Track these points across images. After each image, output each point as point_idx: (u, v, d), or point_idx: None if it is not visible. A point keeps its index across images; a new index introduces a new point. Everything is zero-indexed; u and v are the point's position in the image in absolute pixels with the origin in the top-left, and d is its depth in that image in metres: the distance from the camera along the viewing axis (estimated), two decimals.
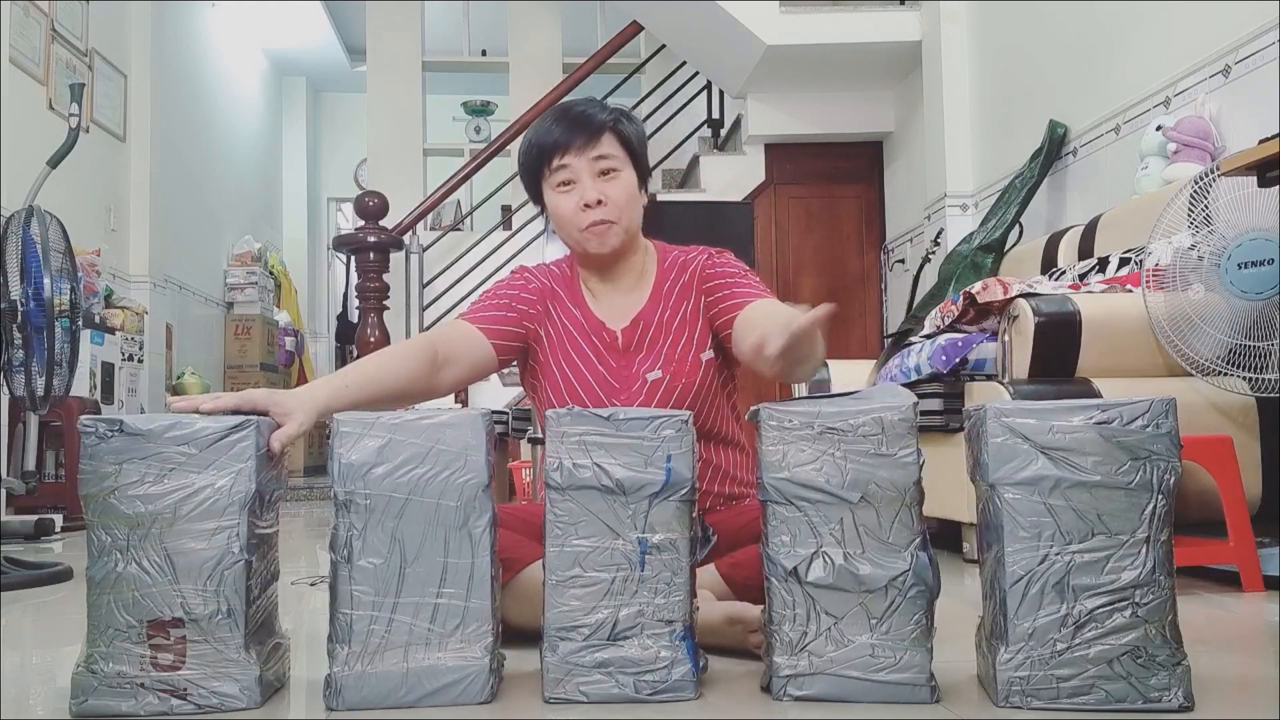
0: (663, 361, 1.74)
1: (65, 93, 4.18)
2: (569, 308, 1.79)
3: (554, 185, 1.71)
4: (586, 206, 1.68)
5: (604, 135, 1.69)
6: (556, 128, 1.70)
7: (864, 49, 5.01)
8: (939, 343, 2.68)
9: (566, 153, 1.69)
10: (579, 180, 1.69)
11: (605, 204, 1.68)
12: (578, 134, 1.69)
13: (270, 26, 8.17)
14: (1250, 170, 2.11)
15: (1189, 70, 3.15)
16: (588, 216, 1.68)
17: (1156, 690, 1.20)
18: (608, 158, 1.69)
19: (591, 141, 1.68)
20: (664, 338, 1.76)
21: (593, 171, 1.69)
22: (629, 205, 1.71)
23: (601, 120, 1.70)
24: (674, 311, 1.77)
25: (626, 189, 1.70)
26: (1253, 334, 2.16)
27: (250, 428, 1.30)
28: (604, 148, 1.69)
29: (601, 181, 1.69)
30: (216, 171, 7.41)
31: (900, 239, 5.51)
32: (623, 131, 1.72)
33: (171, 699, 1.26)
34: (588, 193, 1.68)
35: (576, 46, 7.04)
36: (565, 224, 1.71)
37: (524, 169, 1.77)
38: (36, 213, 2.77)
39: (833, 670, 1.25)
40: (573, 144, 1.68)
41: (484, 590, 1.29)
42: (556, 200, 1.72)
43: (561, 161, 1.69)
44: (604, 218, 1.68)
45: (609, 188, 1.69)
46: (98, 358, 4.87)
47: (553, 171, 1.70)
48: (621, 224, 1.70)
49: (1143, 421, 1.22)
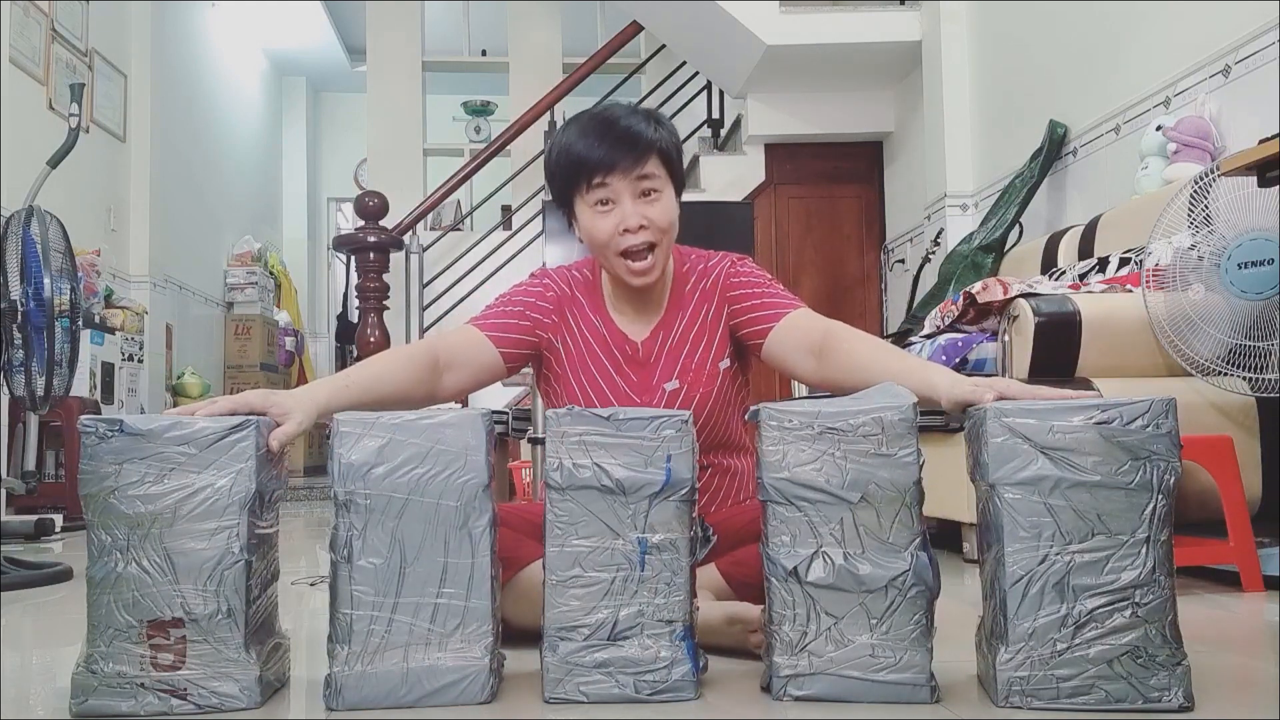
0: (679, 370, 1.71)
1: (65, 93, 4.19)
2: (590, 317, 1.75)
3: (590, 202, 1.64)
4: (627, 231, 1.62)
5: (650, 156, 1.62)
6: (600, 145, 1.61)
7: (864, 49, 5.01)
8: (939, 343, 2.68)
9: (610, 173, 1.61)
10: (619, 202, 1.62)
11: (647, 227, 1.62)
12: (623, 155, 1.60)
13: (270, 26, 8.18)
14: (1250, 170, 2.11)
15: (1189, 70, 3.15)
16: (627, 241, 1.62)
17: (1156, 690, 1.20)
18: (650, 178, 1.63)
19: (637, 164, 1.61)
20: (682, 347, 1.72)
21: (634, 192, 1.62)
22: (670, 228, 1.65)
23: (649, 140, 1.62)
24: (692, 319, 1.73)
25: (668, 211, 1.64)
26: (1253, 334, 2.16)
27: (250, 428, 1.30)
28: (648, 168, 1.62)
29: (643, 203, 1.62)
30: (216, 171, 7.41)
31: (900, 239, 5.51)
32: (667, 151, 1.65)
33: (171, 699, 1.26)
34: (629, 218, 1.61)
35: (576, 46, 7.05)
36: (600, 245, 1.65)
37: (557, 178, 1.68)
38: (36, 213, 2.77)
39: (833, 670, 1.25)
40: (617, 165, 1.60)
41: (484, 590, 1.29)
42: (593, 220, 1.64)
43: (603, 180, 1.61)
44: (646, 241, 1.62)
45: (651, 210, 1.62)
46: (98, 358, 4.87)
47: (591, 189, 1.63)
48: (662, 246, 1.65)
49: (1143, 421, 1.22)
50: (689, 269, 1.76)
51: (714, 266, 1.75)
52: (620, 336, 1.73)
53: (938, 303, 3.37)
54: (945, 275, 4.01)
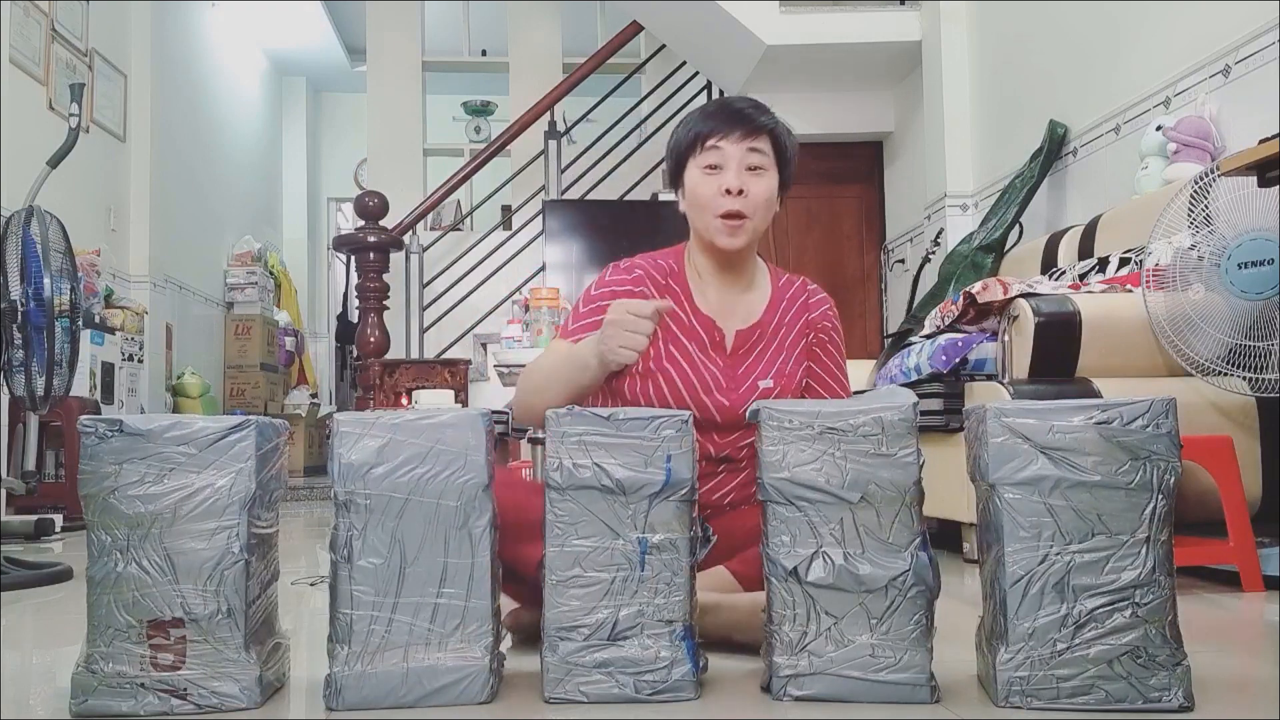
0: (775, 372, 1.76)
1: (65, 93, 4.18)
2: (680, 300, 1.77)
3: (701, 165, 1.71)
4: (728, 193, 1.68)
5: (763, 134, 1.70)
6: (720, 113, 1.72)
7: (864, 49, 5.01)
8: (939, 343, 2.68)
9: (724, 138, 1.69)
10: (726, 166, 1.69)
11: (746, 196, 1.68)
12: (738, 124, 1.70)
13: (270, 26, 8.17)
14: (1250, 170, 2.11)
15: (1189, 70, 3.15)
16: (725, 203, 1.68)
17: (1156, 690, 1.20)
18: (760, 153, 1.70)
19: (749, 134, 1.69)
20: (778, 352, 1.78)
21: (742, 162, 1.69)
22: (766, 206, 1.71)
23: (763, 122, 1.71)
24: (789, 329, 1.80)
25: (768, 190, 1.71)
26: (1253, 334, 2.16)
27: (250, 428, 1.30)
28: (759, 143, 1.70)
29: (748, 175, 1.69)
30: (216, 171, 7.41)
31: (900, 239, 5.51)
32: (780, 138, 1.72)
33: (171, 699, 1.26)
34: (731, 180, 1.68)
35: (576, 46, 7.05)
36: (701, 207, 1.71)
37: (675, 148, 1.76)
38: (36, 213, 2.77)
39: (833, 670, 1.25)
40: (731, 131, 1.69)
41: (484, 590, 1.29)
42: (699, 180, 1.71)
43: (716, 144, 1.69)
44: (740, 209, 1.68)
45: (753, 182, 1.69)
46: (98, 358, 4.87)
47: (704, 150, 1.70)
48: (753, 222, 1.71)
49: (1143, 421, 1.22)
50: (785, 284, 1.83)
51: (814, 301, 1.83)
52: (708, 322, 1.76)
53: (938, 303, 3.37)
54: (945, 275, 4.01)
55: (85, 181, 5.29)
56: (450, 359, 4.96)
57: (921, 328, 3.06)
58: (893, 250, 5.63)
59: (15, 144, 4.40)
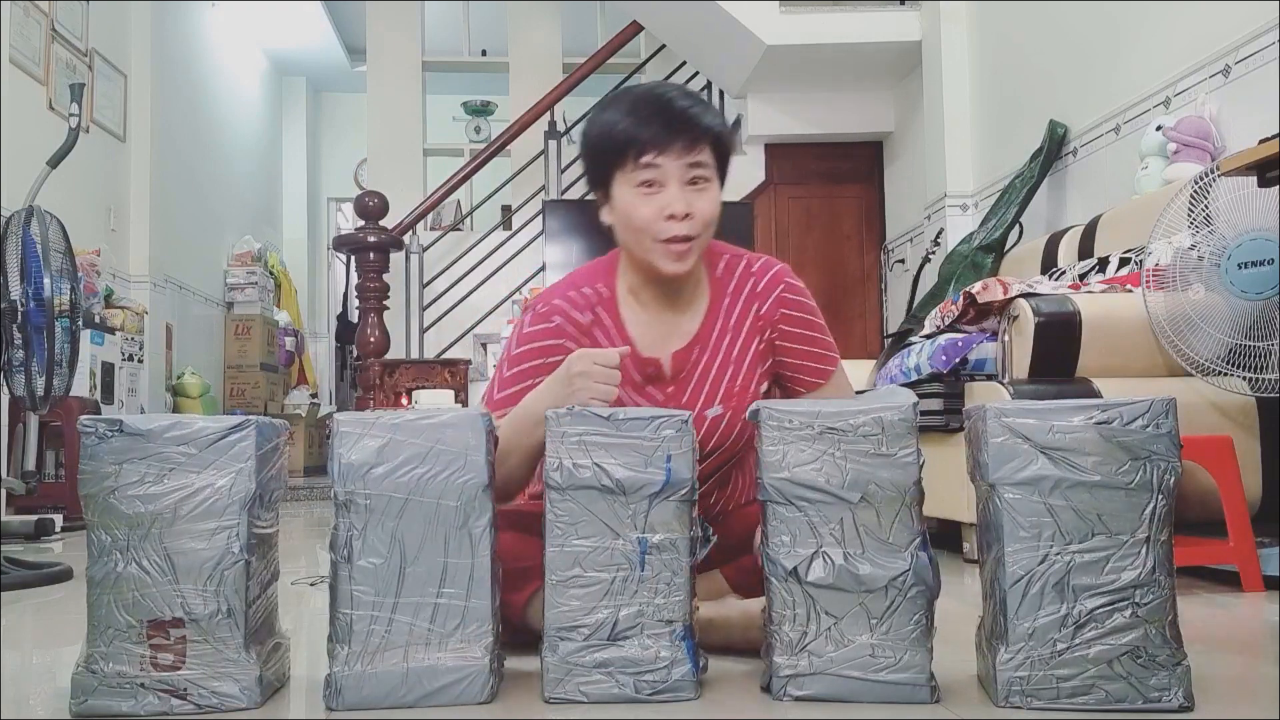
0: (722, 395, 1.61)
1: (65, 93, 4.18)
2: (612, 337, 1.61)
3: (633, 183, 1.51)
4: (671, 217, 1.50)
5: (706, 142, 1.51)
6: (655, 120, 1.49)
7: (864, 49, 5.01)
8: (939, 343, 2.68)
9: (661, 152, 1.49)
10: (666, 185, 1.50)
11: (692, 218, 1.50)
12: (679, 135, 1.49)
13: (270, 26, 8.17)
14: (1250, 170, 2.11)
15: (1189, 70, 3.15)
16: (670, 228, 1.50)
17: (1156, 690, 1.20)
18: (701, 166, 1.51)
19: (692, 147, 1.50)
20: (726, 367, 1.61)
21: (683, 178, 1.50)
22: (712, 224, 1.54)
23: (706, 125, 1.51)
24: (734, 334, 1.62)
25: (714, 204, 1.53)
26: (1253, 334, 2.16)
27: (250, 428, 1.30)
28: (701, 155, 1.51)
29: (690, 191, 1.51)
30: (216, 171, 7.40)
31: (900, 239, 5.51)
32: (723, 141, 1.54)
33: (171, 699, 1.26)
34: (675, 203, 1.49)
35: (576, 46, 7.04)
36: (639, 231, 1.52)
37: (597, 153, 1.55)
38: (36, 213, 2.77)
39: (833, 670, 1.25)
40: (672, 145, 1.49)
41: (484, 590, 1.29)
42: (634, 201, 1.51)
43: (652, 160, 1.49)
44: (688, 233, 1.50)
45: (698, 200, 1.51)
46: (98, 358, 4.87)
47: (637, 168, 1.50)
48: (701, 241, 1.54)
49: (1143, 421, 1.22)
50: (725, 270, 1.64)
51: (762, 275, 1.63)
52: (638, 359, 1.60)
53: (938, 303, 3.37)
54: (945, 275, 4.01)
55: (85, 181, 5.29)
56: (450, 359, 4.96)
57: (921, 328, 3.06)
58: (893, 250, 5.63)
59: (15, 144, 4.40)
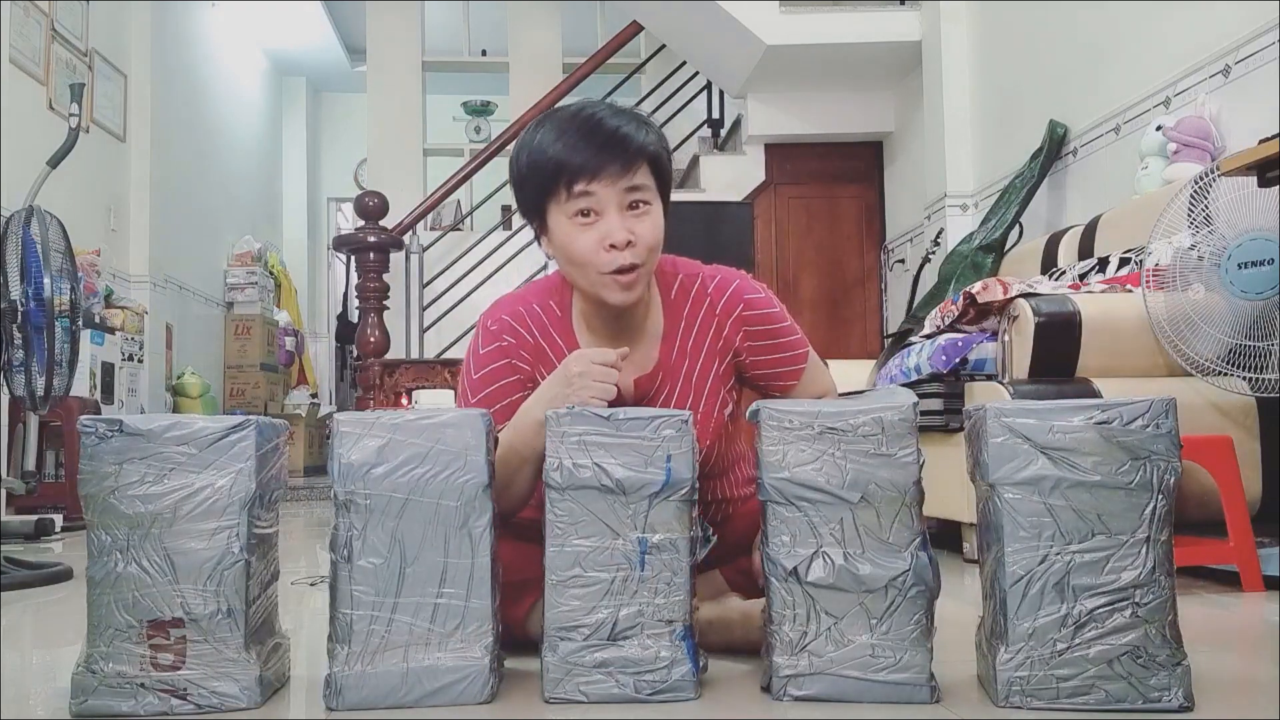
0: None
1: (65, 93, 4.19)
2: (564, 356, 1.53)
3: (569, 213, 1.44)
4: (613, 247, 1.43)
5: (642, 164, 1.44)
6: (585, 146, 1.42)
7: (864, 49, 5.01)
8: (939, 343, 2.68)
9: (595, 180, 1.41)
10: (604, 214, 1.43)
11: (634, 245, 1.43)
12: (611, 159, 1.41)
13: (270, 26, 8.17)
14: (1250, 170, 2.11)
15: (1189, 70, 3.15)
16: (613, 260, 1.42)
17: (1156, 690, 1.20)
18: (640, 189, 1.44)
19: (627, 170, 1.42)
20: (684, 394, 1.56)
21: (622, 204, 1.43)
22: (657, 248, 1.46)
23: (640, 144, 1.44)
24: (693, 358, 1.56)
25: (656, 228, 1.45)
26: (1253, 334, 2.16)
27: (250, 428, 1.30)
28: (638, 178, 1.43)
29: (630, 217, 1.43)
30: (216, 171, 7.41)
31: (900, 239, 5.51)
32: (658, 158, 1.47)
33: (171, 699, 1.26)
34: (615, 232, 1.42)
35: (576, 46, 7.04)
36: (581, 263, 1.45)
37: (528, 182, 1.48)
38: (36, 213, 2.77)
39: (833, 670, 1.25)
40: (604, 170, 1.41)
41: (484, 590, 1.29)
42: (571, 233, 1.44)
43: (586, 189, 1.42)
44: (632, 261, 1.43)
45: (639, 225, 1.43)
46: (98, 358, 4.87)
47: (572, 197, 1.43)
48: (647, 267, 1.46)
49: (1143, 421, 1.22)
50: (679, 291, 1.57)
51: (720, 294, 1.56)
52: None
53: (938, 303, 3.37)
54: (945, 275, 4.01)
55: (85, 181, 5.29)
56: (450, 359, 4.95)
57: (921, 328, 3.06)
58: (893, 250, 5.63)
59: (15, 144, 4.40)
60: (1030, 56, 4.16)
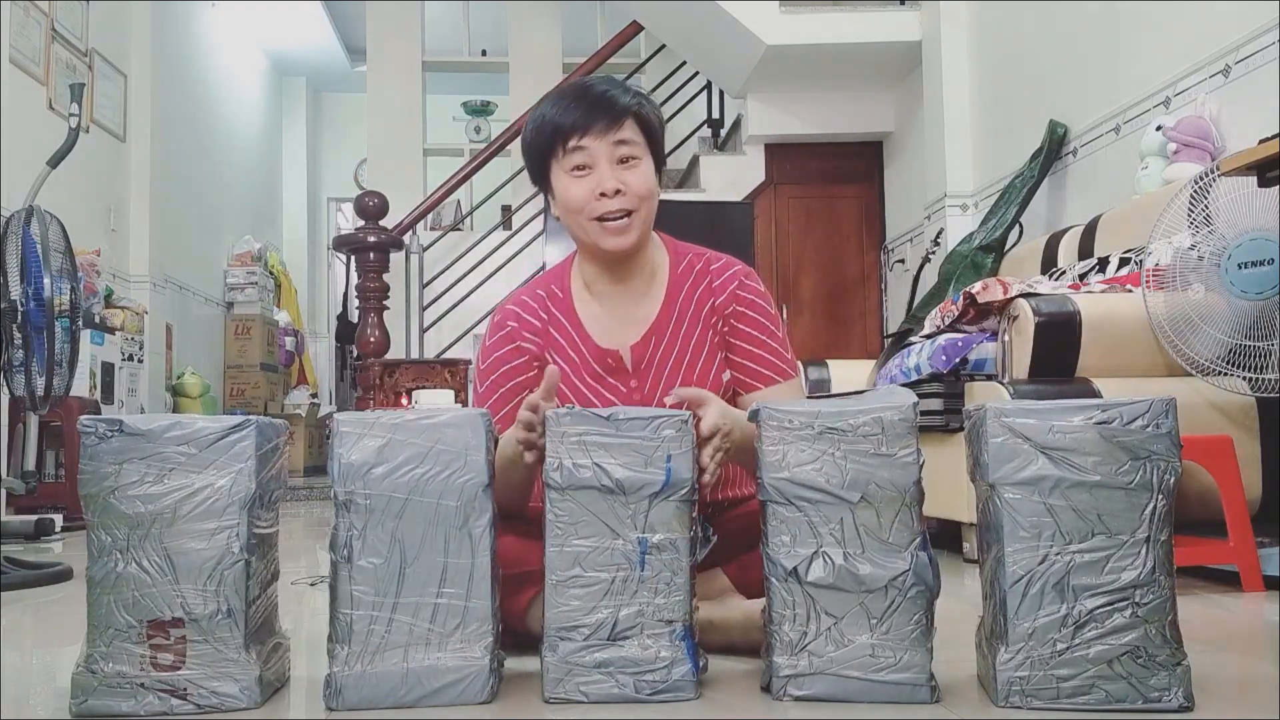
0: (681, 382, 1.62)
1: (65, 93, 4.18)
2: (568, 333, 1.66)
3: (567, 169, 1.58)
4: (603, 195, 1.56)
5: (627, 120, 1.58)
6: (576, 107, 1.57)
7: (864, 49, 5.01)
8: (939, 343, 2.68)
9: (585, 134, 1.56)
10: (596, 166, 1.57)
11: (624, 193, 1.56)
12: (599, 116, 1.56)
13: (270, 26, 8.17)
14: (1250, 170, 2.11)
15: (1189, 70, 3.15)
16: (603, 206, 1.56)
17: (1156, 690, 1.20)
18: (628, 144, 1.58)
19: (614, 125, 1.56)
20: (682, 356, 1.64)
21: (612, 157, 1.57)
22: (649, 196, 1.59)
23: (625, 104, 1.58)
24: (692, 324, 1.65)
25: (646, 179, 1.59)
26: (1253, 334, 2.16)
27: (250, 428, 1.30)
28: (626, 133, 1.57)
29: (621, 169, 1.57)
30: (216, 171, 7.41)
31: (900, 239, 5.51)
32: (646, 117, 1.60)
33: (171, 699, 1.26)
34: (606, 181, 1.56)
35: (576, 46, 7.04)
36: (576, 212, 1.58)
37: (532, 148, 1.63)
38: (36, 213, 2.77)
39: (833, 670, 1.25)
40: (593, 126, 1.56)
41: (484, 590, 1.29)
42: (568, 185, 1.58)
43: (579, 143, 1.56)
44: (622, 207, 1.56)
45: (629, 176, 1.57)
46: (98, 358, 4.87)
47: (567, 153, 1.57)
48: (640, 214, 1.58)
49: (1143, 421, 1.22)
50: (686, 267, 1.68)
51: (720, 273, 1.67)
52: (598, 351, 1.65)
53: (938, 303, 3.37)
54: (945, 275, 4.01)
55: (85, 181, 5.29)
56: (450, 359, 4.96)
57: (921, 328, 3.06)
58: (893, 250, 5.63)
59: (15, 144, 4.40)
60: (1030, 56, 4.16)
